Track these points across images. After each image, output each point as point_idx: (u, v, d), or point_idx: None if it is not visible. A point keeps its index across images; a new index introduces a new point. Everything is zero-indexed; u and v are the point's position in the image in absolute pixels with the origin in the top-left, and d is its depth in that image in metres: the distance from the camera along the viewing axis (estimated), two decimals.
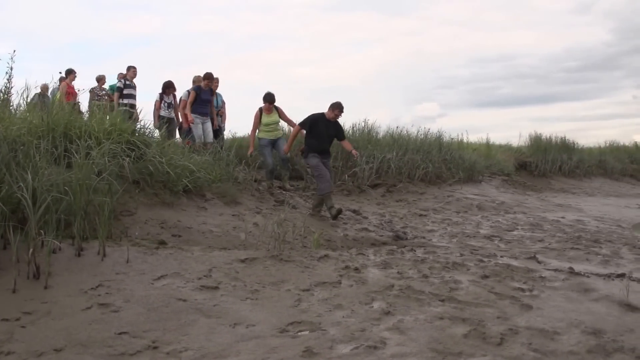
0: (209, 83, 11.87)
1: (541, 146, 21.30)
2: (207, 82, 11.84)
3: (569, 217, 12.27)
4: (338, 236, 8.11)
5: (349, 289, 5.25)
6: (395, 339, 4.02)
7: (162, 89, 12.86)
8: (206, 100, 11.90)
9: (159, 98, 12.88)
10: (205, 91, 11.86)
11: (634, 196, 18.74)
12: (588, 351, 3.97)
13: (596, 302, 5.27)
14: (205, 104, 11.91)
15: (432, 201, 13.24)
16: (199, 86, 11.80)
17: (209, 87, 11.91)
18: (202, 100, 11.81)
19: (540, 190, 17.89)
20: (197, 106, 11.76)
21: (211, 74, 11.90)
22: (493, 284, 5.74)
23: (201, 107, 11.82)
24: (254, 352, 3.69)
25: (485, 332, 4.21)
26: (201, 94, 11.78)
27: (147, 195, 7.18)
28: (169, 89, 12.69)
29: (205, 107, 11.93)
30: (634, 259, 7.63)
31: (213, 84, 12.21)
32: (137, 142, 7.55)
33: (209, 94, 11.97)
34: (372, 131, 15.66)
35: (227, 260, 5.70)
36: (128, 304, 4.35)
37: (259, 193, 9.96)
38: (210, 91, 12.01)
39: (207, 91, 11.90)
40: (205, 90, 11.84)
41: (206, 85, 11.84)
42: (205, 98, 11.87)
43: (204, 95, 11.85)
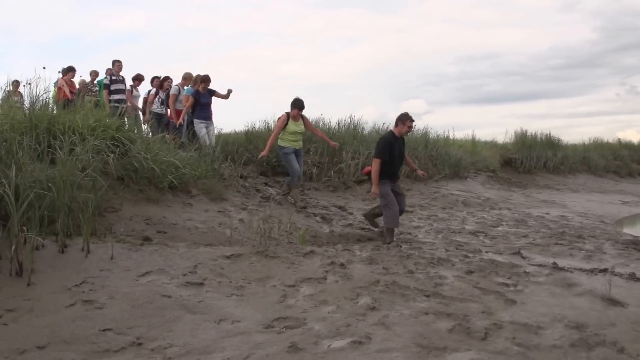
0: (206, 86, 11.50)
1: (526, 143, 21.45)
2: (204, 85, 11.48)
3: (554, 213, 12.36)
4: (324, 232, 8.12)
5: (335, 284, 5.26)
6: (381, 334, 4.03)
7: (160, 83, 12.76)
8: (206, 104, 11.53)
9: (154, 92, 12.78)
10: (204, 94, 11.47)
11: (617, 192, 18.91)
12: (571, 345, 4.01)
13: (579, 297, 5.32)
14: (206, 107, 11.53)
15: (418, 197, 13.28)
16: (197, 90, 11.48)
17: (206, 90, 11.50)
18: (202, 105, 11.45)
19: (525, 186, 18.01)
20: (199, 111, 11.41)
21: (208, 76, 11.54)
22: (478, 279, 5.77)
23: (203, 111, 11.48)
24: (239, 348, 3.69)
25: (470, 327, 4.23)
26: (200, 97, 11.43)
27: (132, 191, 7.14)
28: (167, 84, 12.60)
29: (207, 111, 11.55)
30: (616, 254, 7.70)
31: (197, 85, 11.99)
32: (121, 138, 7.50)
33: (208, 97, 11.54)
34: (358, 127, 15.67)
35: (212, 257, 5.68)
36: (112, 301, 4.33)
37: (245, 189, 9.94)
38: (209, 93, 11.60)
39: (205, 94, 11.48)
40: (204, 94, 11.46)
41: (204, 88, 11.46)
42: (204, 102, 11.49)
43: (204, 99, 11.47)
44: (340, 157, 13.55)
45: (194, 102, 11.33)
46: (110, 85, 12.51)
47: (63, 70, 12.87)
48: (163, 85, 12.66)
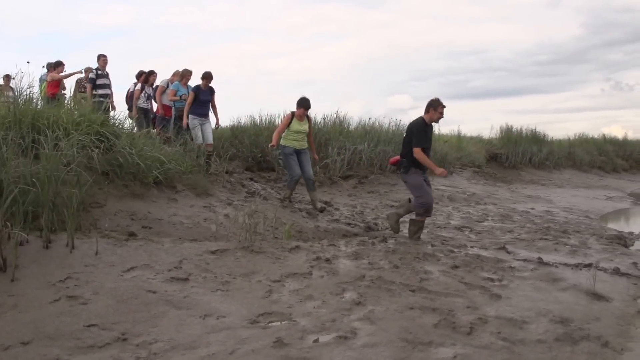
0: (207, 82, 11.17)
1: (512, 138, 21.58)
2: (205, 82, 11.10)
3: (539, 208, 12.44)
4: (309, 227, 8.12)
5: (320, 279, 5.27)
6: (366, 329, 4.04)
7: (145, 78, 12.65)
8: (205, 101, 11.28)
9: (140, 87, 12.67)
10: (205, 91, 11.21)
11: (601, 187, 19.08)
12: (556, 339, 4.04)
13: (564, 292, 5.37)
14: (204, 104, 11.27)
15: (404, 192, 13.26)
16: (198, 86, 11.24)
17: (207, 87, 11.25)
18: (201, 101, 11.19)
19: (511, 181, 18.11)
20: (196, 107, 11.15)
21: (210, 73, 11.27)
22: (463, 274, 5.80)
23: (200, 108, 11.22)
24: (225, 343, 3.69)
25: (455, 322, 4.26)
26: (200, 94, 11.17)
27: (116, 186, 7.09)
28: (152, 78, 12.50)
29: (204, 107, 11.30)
30: (601, 249, 7.78)
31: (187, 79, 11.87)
32: (106, 133, 7.45)
33: (208, 94, 11.29)
34: (343, 122, 15.70)
35: (197, 252, 5.67)
36: (97, 296, 4.31)
37: (230, 185, 9.92)
38: (210, 90, 11.33)
39: (206, 91, 11.24)
40: (204, 90, 11.20)
41: (205, 85, 11.17)
42: (204, 99, 11.24)
43: (203, 96, 11.22)
44: (326, 152, 13.55)
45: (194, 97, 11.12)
46: (95, 79, 12.36)
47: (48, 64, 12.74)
48: (149, 80, 12.56)
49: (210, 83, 11.21)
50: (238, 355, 3.52)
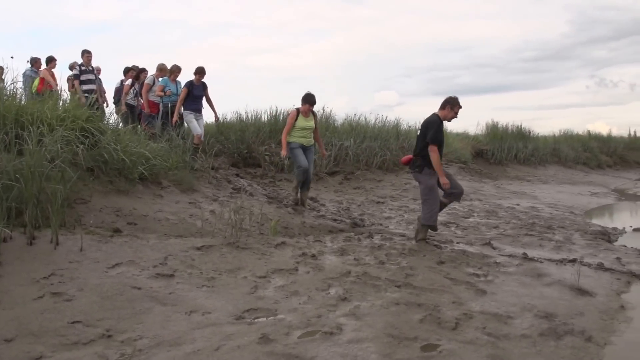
0: (200, 77, 11.15)
1: (498, 134, 21.67)
2: (198, 77, 11.13)
3: (524, 204, 12.51)
4: (295, 223, 8.11)
5: (306, 275, 5.27)
6: (352, 325, 4.05)
7: (136, 75, 12.56)
8: (199, 96, 11.24)
9: (131, 83, 12.58)
10: (198, 86, 11.16)
11: (586, 183, 19.21)
12: (540, 334, 4.08)
13: (548, 287, 5.41)
14: (197, 100, 11.25)
15: (390, 188, 13.34)
16: (191, 82, 11.17)
17: (201, 82, 11.19)
18: (194, 97, 11.16)
19: (497, 177, 18.19)
20: (190, 103, 11.12)
21: (203, 68, 11.17)
22: (449, 269, 5.83)
23: (194, 103, 11.21)
24: (210, 339, 3.68)
25: (441, 317, 4.28)
26: (194, 89, 11.12)
27: (101, 183, 7.05)
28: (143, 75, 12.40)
29: (198, 103, 11.28)
30: (585, 244, 7.84)
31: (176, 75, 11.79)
32: (91, 129, 7.39)
33: (201, 89, 11.24)
34: (330, 119, 15.69)
35: (183, 248, 5.65)
36: (81, 293, 4.28)
37: (216, 181, 9.89)
38: (203, 85, 11.27)
39: (199, 86, 11.18)
40: (197, 86, 11.15)
41: (198, 80, 11.13)
42: (197, 94, 11.19)
43: (197, 91, 11.17)
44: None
45: (187, 93, 11.08)
46: (80, 75, 12.25)
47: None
48: (139, 77, 12.47)
49: (203, 78, 11.19)
50: (223, 351, 3.51)
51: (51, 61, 12.60)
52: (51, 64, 12.60)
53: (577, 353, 3.80)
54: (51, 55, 12.64)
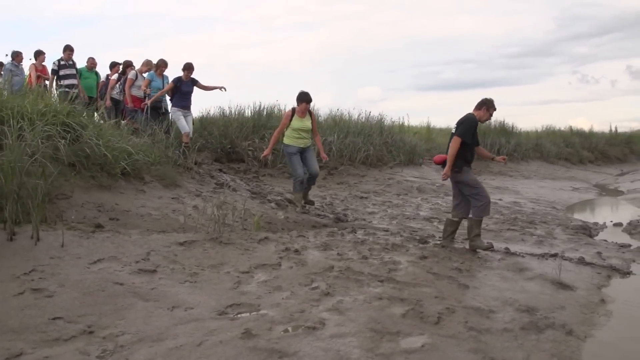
0: (189, 74, 10.90)
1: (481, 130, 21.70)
2: (187, 73, 10.89)
3: (506, 199, 12.60)
4: (279, 219, 8.10)
5: (289, 270, 5.27)
6: (335, 320, 4.06)
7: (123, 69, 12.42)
8: (187, 92, 10.99)
9: (117, 78, 12.45)
10: (186, 82, 10.91)
11: (568, 179, 19.37)
12: (521, 328, 4.12)
13: (530, 281, 5.46)
14: (186, 96, 11.00)
15: (373, 184, 13.36)
16: (180, 78, 10.95)
17: (189, 79, 10.94)
18: (182, 93, 10.92)
19: (479, 173, 18.23)
20: (178, 99, 10.91)
21: (191, 64, 10.93)
22: (431, 264, 5.85)
23: (182, 100, 10.97)
24: (192, 335, 3.67)
25: (423, 312, 4.30)
26: (182, 86, 10.88)
27: (83, 178, 6.98)
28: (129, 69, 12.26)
29: (186, 99, 11.05)
30: (566, 239, 7.91)
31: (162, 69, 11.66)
32: (72, 124, 7.33)
33: (189, 85, 10.99)
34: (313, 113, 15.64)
35: (165, 244, 5.62)
36: (63, 289, 4.25)
37: (199, 176, 9.85)
38: (192, 81, 11.02)
39: (187, 82, 10.93)
40: (185, 82, 10.91)
41: (186, 76, 10.89)
42: (185, 90, 10.94)
43: (185, 87, 10.93)
44: None
45: (174, 89, 10.90)
46: (58, 71, 12.10)
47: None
48: (126, 72, 12.32)
49: (191, 74, 10.95)
50: (206, 346, 3.50)
51: (40, 55, 12.40)
52: (40, 57, 12.40)
53: (558, 346, 3.84)
54: (39, 49, 12.46)
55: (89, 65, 12.91)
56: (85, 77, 12.68)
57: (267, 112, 14.35)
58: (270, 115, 14.31)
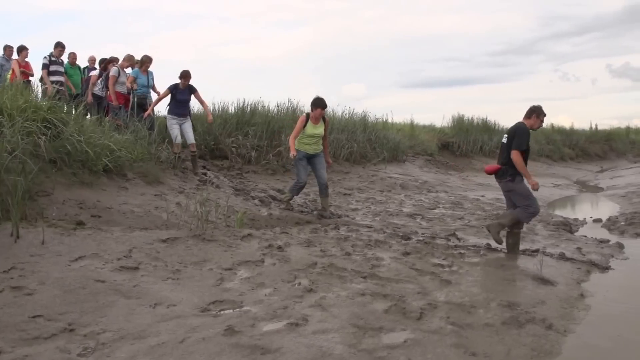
0: (185, 82, 10.43)
1: (463, 127, 21.88)
2: (184, 82, 10.42)
3: (489, 196, 12.68)
4: (262, 215, 8.09)
5: (272, 267, 5.27)
6: (318, 316, 4.06)
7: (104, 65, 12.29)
8: (183, 101, 10.52)
9: (98, 74, 12.30)
10: (183, 90, 10.42)
11: (549, 175, 19.52)
12: (503, 323, 4.15)
13: (511, 277, 5.50)
14: (182, 104, 10.52)
15: (357, 180, 13.38)
16: (176, 85, 10.52)
17: (186, 86, 10.45)
18: (178, 101, 10.45)
19: (462, 169, 18.37)
20: (174, 107, 10.46)
21: (188, 72, 10.47)
22: (414, 260, 5.88)
23: (178, 107, 10.49)
24: (175, 332, 3.65)
25: (406, 307, 4.32)
26: (177, 94, 10.41)
27: (64, 174, 6.92)
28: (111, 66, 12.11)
29: (182, 107, 10.55)
30: (547, 235, 7.98)
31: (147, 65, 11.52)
32: (53, 120, 7.25)
33: (186, 93, 10.50)
34: (297, 110, 15.63)
35: (148, 241, 5.59)
36: (43, 287, 4.21)
37: (182, 173, 9.81)
38: (190, 89, 10.55)
39: (184, 90, 10.43)
40: (182, 90, 10.41)
41: (183, 84, 10.40)
42: (181, 98, 10.45)
43: (181, 95, 10.44)
44: (280, 140, 13.51)
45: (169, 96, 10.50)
46: (49, 65, 11.95)
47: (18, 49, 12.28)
48: (107, 67, 12.19)
49: (188, 82, 10.53)
50: (188, 343, 3.49)
51: (23, 50, 12.23)
52: (23, 53, 12.23)
53: (538, 341, 3.87)
54: (22, 45, 12.29)
55: (71, 60, 12.80)
56: (70, 74, 12.57)
57: (250, 108, 14.29)
58: (254, 112, 14.26)
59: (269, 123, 13.79)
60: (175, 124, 10.47)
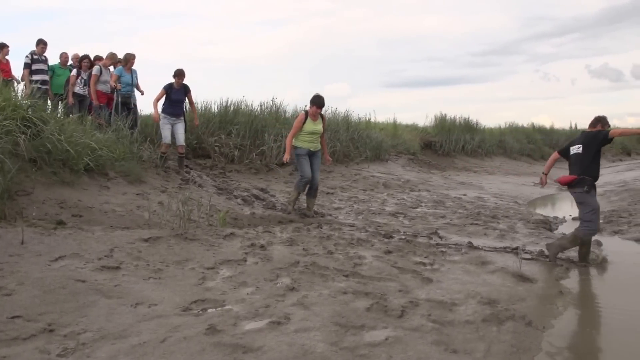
0: (180, 81, 10.39)
1: (445, 126, 22.02)
2: (177, 80, 10.38)
3: (470, 195, 12.75)
4: (245, 214, 8.08)
5: (255, 266, 5.26)
6: (300, 314, 4.07)
7: (79, 63, 12.14)
8: (177, 100, 10.46)
9: (76, 73, 12.14)
10: (177, 90, 10.41)
11: (530, 174, 19.68)
12: (483, 320, 4.18)
13: (492, 274, 5.54)
14: (176, 104, 10.45)
15: (340, 179, 13.40)
16: (171, 85, 10.39)
17: (181, 86, 10.44)
18: (172, 101, 10.39)
19: (444, 168, 18.47)
20: (168, 106, 10.37)
21: (182, 71, 10.45)
22: (396, 258, 5.90)
23: (172, 107, 10.42)
24: (156, 332, 3.64)
25: (387, 305, 4.33)
26: (172, 93, 10.37)
27: (45, 174, 6.86)
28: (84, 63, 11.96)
29: (176, 107, 10.47)
30: (527, 233, 8.04)
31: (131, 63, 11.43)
32: (33, 119, 7.18)
33: (181, 93, 10.48)
34: (280, 110, 15.63)
35: (129, 240, 5.57)
36: (22, 287, 4.17)
37: (165, 172, 9.76)
38: (184, 89, 10.54)
39: (179, 90, 10.42)
40: (177, 90, 10.40)
41: (178, 83, 10.38)
42: (176, 98, 10.41)
43: (175, 95, 10.41)
44: (263, 139, 13.50)
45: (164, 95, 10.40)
46: (31, 64, 11.78)
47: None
48: (82, 66, 12.06)
49: (182, 80, 10.48)
50: (170, 343, 3.48)
51: (3, 48, 12.04)
52: (3, 50, 12.03)
53: (518, 337, 3.91)
54: (3, 42, 12.10)
55: (62, 61, 12.61)
56: (59, 74, 12.35)
57: (234, 108, 14.26)
58: (237, 111, 14.22)
59: (252, 122, 13.79)
60: (167, 123, 10.40)
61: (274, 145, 13.44)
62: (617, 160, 28.44)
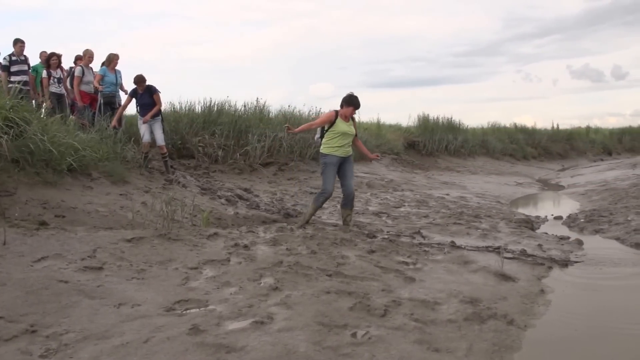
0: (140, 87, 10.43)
1: (429, 126, 22.15)
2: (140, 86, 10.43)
3: (453, 194, 12.83)
4: (228, 215, 8.08)
5: (238, 266, 5.27)
6: (283, 314, 4.08)
7: (46, 62, 11.99)
8: (144, 104, 10.49)
9: (47, 74, 12.01)
10: (142, 94, 10.46)
11: (512, 174, 19.85)
12: (465, 319, 4.22)
13: (474, 273, 5.59)
14: (144, 107, 10.49)
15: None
16: (135, 90, 10.50)
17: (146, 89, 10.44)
18: (139, 105, 10.54)
19: (428, 168, 18.57)
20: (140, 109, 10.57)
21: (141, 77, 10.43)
22: (379, 258, 5.93)
23: (142, 110, 10.55)
24: (139, 332, 3.64)
25: (370, 305, 4.36)
26: (137, 99, 10.53)
27: (27, 174, 6.83)
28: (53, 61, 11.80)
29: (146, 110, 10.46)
30: (509, 232, 8.11)
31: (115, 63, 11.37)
32: (16, 119, 7.14)
33: (146, 97, 10.47)
34: (264, 110, 15.64)
35: (112, 240, 5.55)
36: (4, 288, 4.15)
37: (149, 172, 9.74)
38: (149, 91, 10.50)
39: (143, 94, 10.46)
40: (141, 94, 10.46)
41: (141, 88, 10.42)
42: (141, 102, 10.50)
43: (140, 100, 10.51)
44: (247, 139, 13.50)
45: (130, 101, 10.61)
46: (9, 66, 11.61)
47: None
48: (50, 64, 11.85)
49: (144, 86, 10.46)
50: (153, 343, 3.49)
51: None
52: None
53: (499, 336, 3.95)
54: None
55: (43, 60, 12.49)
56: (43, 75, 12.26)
57: (217, 108, 14.26)
58: (220, 111, 14.22)
59: (235, 122, 13.80)
60: (143, 123, 10.48)
61: (257, 146, 13.45)
62: (598, 160, 28.74)
